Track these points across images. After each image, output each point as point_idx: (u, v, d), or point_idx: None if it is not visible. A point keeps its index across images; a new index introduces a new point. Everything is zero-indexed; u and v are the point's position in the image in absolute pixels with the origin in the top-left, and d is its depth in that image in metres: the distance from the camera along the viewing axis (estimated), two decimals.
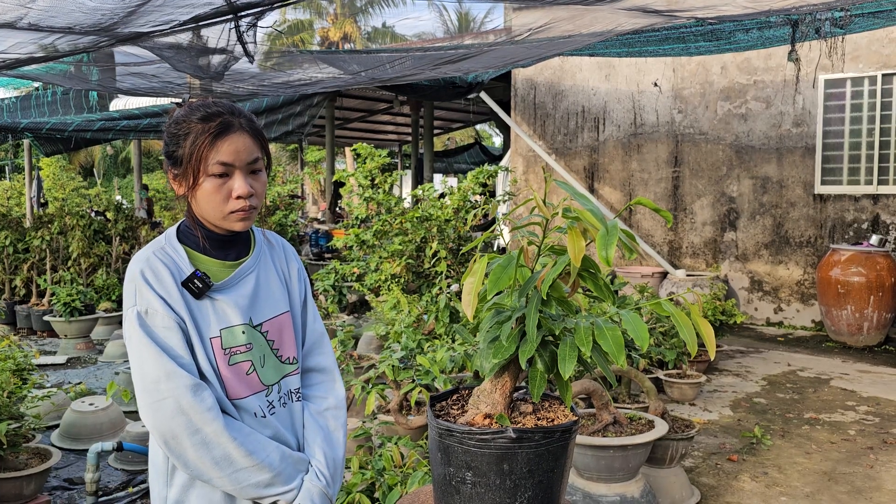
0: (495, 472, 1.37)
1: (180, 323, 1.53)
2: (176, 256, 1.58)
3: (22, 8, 3.64)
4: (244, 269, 1.64)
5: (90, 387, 6.01)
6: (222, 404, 1.56)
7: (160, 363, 1.49)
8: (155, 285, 1.53)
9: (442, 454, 1.43)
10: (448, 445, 1.41)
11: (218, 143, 1.53)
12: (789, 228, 8.66)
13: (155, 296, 1.52)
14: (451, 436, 1.40)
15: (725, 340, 7.22)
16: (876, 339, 7.50)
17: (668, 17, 4.91)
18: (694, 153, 9.29)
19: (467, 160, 20.44)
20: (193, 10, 3.87)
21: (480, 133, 29.58)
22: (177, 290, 1.54)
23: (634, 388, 4.85)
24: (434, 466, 1.48)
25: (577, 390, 3.34)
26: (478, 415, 1.46)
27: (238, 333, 1.59)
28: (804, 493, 3.92)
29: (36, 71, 5.79)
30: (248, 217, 1.58)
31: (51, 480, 4.12)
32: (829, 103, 8.34)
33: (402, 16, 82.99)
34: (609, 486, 3.38)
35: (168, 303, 1.53)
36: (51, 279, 8.56)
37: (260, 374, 1.63)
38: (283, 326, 1.69)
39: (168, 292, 1.53)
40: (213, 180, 1.54)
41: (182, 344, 1.52)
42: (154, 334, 1.51)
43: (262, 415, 1.61)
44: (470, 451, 1.38)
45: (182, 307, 1.54)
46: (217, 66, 5.26)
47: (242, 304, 1.61)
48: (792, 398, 5.69)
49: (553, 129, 10.53)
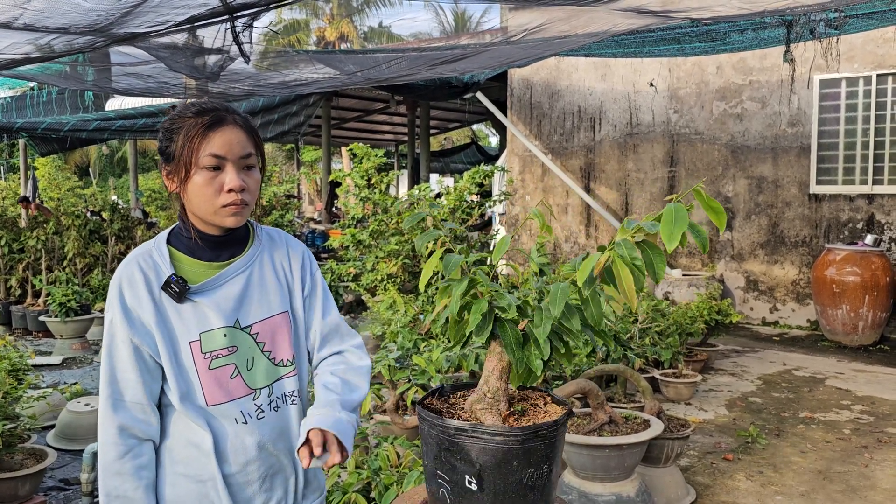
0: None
1: (133, 339, 1.54)
2: (160, 260, 1.58)
3: (17, 8, 3.63)
4: (231, 270, 1.61)
5: (86, 387, 6.00)
6: (198, 413, 1.56)
7: (106, 389, 1.55)
8: (126, 294, 1.55)
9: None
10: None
11: (210, 134, 1.52)
12: (785, 228, 8.68)
13: (120, 307, 1.55)
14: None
15: (721, 340, 7.23)
16: (871, 338, 7.52)
17: (664, 17, 4.92)
18: (690, 153, 9.31)
19: (464, 160, 20.44)
20: (189, 11, 3.87)
21: (477, 133, 29.60)
22: (149, 298, 1.55)
23: (630, 388, 4.86)
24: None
25: (572, 390, 3.35)
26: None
27: (218, 337, 1.58)
28: (799, 491, 3.94)
29: (32, 71, 5.78)
30: (239, 212, 1.56)
31: (46, 481, 4.11)
32: (824, 103, 8.36)
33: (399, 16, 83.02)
34: (605, 485, 3.39)
35: (132, 315, 1.54)
36: (46, 279, 8.53)
37: (245, 377, 1.60)
38: (278, 328, 1.65)
39: (139, 300, 1.55)
40: (204, 173, 1.53)
41: (132, 362, 1.54)
42: (112, 347, 1.56)
43: (243, 420, 1.59)
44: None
45: (151, 315, 1.54)
46: (213, 66, 5.25)
47: (226, 306, 1.59)
48: (787, 397, 5.71)
49: (549, 128, 10.54)
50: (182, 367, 1.56)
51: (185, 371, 1.56)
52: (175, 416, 1.58)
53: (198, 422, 1.56)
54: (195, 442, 1.57)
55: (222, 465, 1.57)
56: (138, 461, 1.53)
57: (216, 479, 1.56)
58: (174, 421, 1.58)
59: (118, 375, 1.54)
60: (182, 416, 1.57)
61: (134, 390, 1.54)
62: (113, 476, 1.51)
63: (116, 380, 1.54)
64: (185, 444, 1.57)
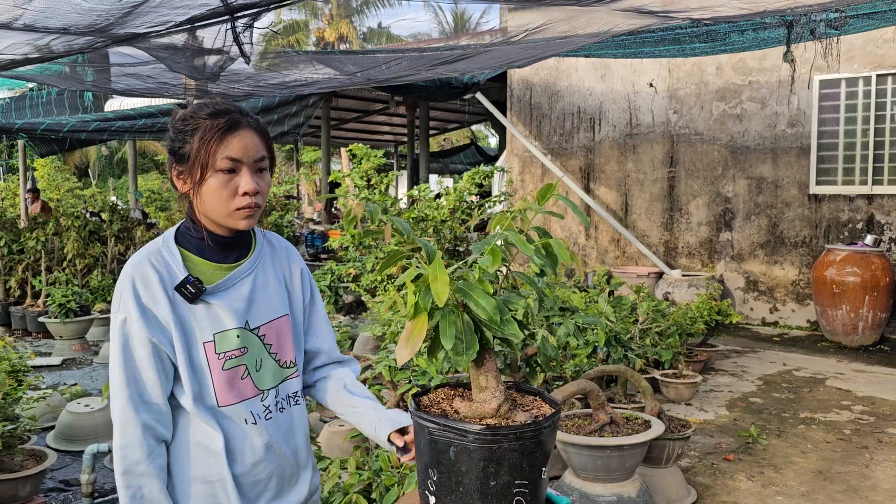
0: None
1: (152, 338, 1.52)
2: (171, 260, 1.57)
3: (17, 9, 3.63)
4: (240, 272, 1.62)
5: (86, 388, 5.99)
6: (209, 413, 1.56)
7: (125, 389, 1.52)
8: (141, 293, 1.53)
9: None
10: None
11: (228, 137, 1.53)
12: (784, 228, 8.68)
13: (136, 305, 1.52)
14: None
15: (721, 340, 7.23)
16: (871, 338, 7.52)
17: (664, 17, 4.92)
18: (689, 153, 9.31)
19: (463, 161, 20.44)
20: (189, 11, 3.87)
21: (476, 134, 29.62)
22: (164, 297, 1.53)
23: (631, 388, 4.86)
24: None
25: (573, 391, 3.35)
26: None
27: (232, 337, 1.58)
28: (800, 492, 3.93)
29: (31, 72, 5.77)
30: (252, 215, 1.57)
31: (46, 482, 4.11)
32: (823, 104, 8.37)
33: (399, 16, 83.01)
34: (606, 485, 3.39)
35: (149, 313, 1.53)
36: (46, 280, 8.53)
37: (255, 378, 1.61)
38: (282, 330, 1.67)
39: (154, 299, 1.53)
40: (220, 176, 1.53)
41: (150, 361, 1.52)
42: (128, 347, 1.53)
43: (252, 421, 1.60)
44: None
45: (168, 314, 1.53)
46: (213, 66, 5.24)
47: (238, 307, 1.60)
48: (787, 398, 5.70)
49: (549, 129, 10.54)
50: (196, 367, 1.56)
51: (198, 371, 1.56)
52: (184, 417, 1.58)
53: (209, 422, 1.56)
54: (204, 443, 1.57)
55: (232, 465, 1.57)
56: (160, 462, 1.53)
57: (226, 480, 1.56)
58: (183, 422, 1.58)
59: (138, 375, 1.52)
60: (192, 417, 1.57)
61: (155, 391, 1.53)
62: (139, 477, 1.49)
63: (137, 380, 1.52)
64: (193, 445, 1.57)
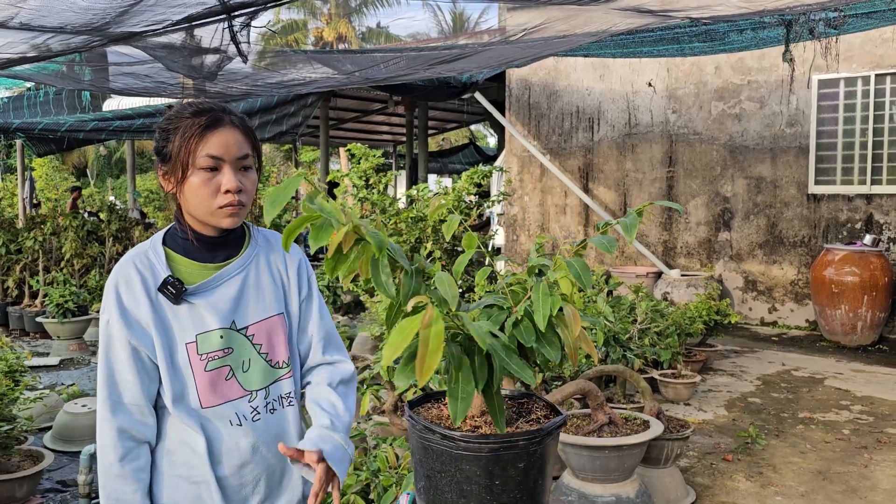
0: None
1: (131, 340, 1.53)
2: (156, 260, 1.57)
3: (13, 7, 3.61)
4: (227, 272, 1.61)
5: (83, 388, 5.98)
6: (191, 414, 1.55)
7: (104, 390, 1.54)
8: (123, 295, 1.54)
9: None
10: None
11: (207, 135, 1.52)
12: (783, 228, 8.67)
13: (117, 307, 1.53)
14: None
15: (720, 340, 7.22)
16: (870, 338, 7.52)
17: (663, 17, 4.91)
18: (688, 153, 9.30)
19: (462, 160, 20.42)
20: (186, 10, 3.85)
21: (475, 133, 29.60)
22: (146, 298, 1.54)
23: (629, 389, 4.85)
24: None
25: (572, 391, 3.34)
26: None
27: (214, 338, 1.57)
28: (799, 492, 3.93)
29: (28, 71, 5.75)
30: (236, 213, 1.56)
31: (43, 482, 4.09)
32: (822, 103, 8.36)
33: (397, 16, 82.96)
34: (604, 486, 3.38)
35: (130, 315, 1.53)
36: (43, 280, 8.51)
37: (241, 379, 1.60)
38: (274, 330, 1.65)
39: (136, 301, 1.54)
40: (201, 174, 1.52)
41: (130, 363, 1.53)
42: (110, 349, 1.54)
43: (238, 423, 1.58)
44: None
45: (149, 315, 1.53)
46: (210, 66, 5.23)
47: (222, 307, 1.58)
48: (786, 398, 5.70)
49: (548, 129, 10.54)
50: (177, 368, 1.55)
51: (180, 373, 1.55)
52: (170, 418, 1.57)
53: (190, 424, 1.55)
54: (189, 443, 1.56)
55: (216, 467, 1.56)
56: (136, 464, 1.53)
57: (209, 482, 1.56)
58: (170, 423, 1.57)
59: (116, 377, 1.54)
60: (175, 419, 1.56)
61: (132, 392, 1.53)
62: (113, 478, 1.51)
63: (114, 381, 1.54)
64: (180, 446, 1.57)
